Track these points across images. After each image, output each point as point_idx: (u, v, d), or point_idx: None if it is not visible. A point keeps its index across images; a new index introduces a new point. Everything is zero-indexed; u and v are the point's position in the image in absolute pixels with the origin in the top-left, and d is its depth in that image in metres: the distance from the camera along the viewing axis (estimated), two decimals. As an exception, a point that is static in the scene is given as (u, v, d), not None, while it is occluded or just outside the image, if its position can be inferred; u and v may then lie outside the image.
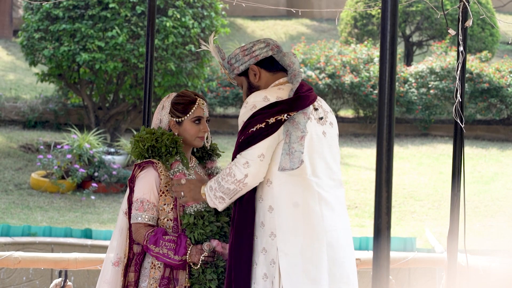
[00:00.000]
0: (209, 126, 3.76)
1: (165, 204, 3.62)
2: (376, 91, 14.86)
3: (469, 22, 4.19)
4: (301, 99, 3.41)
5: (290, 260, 3.33)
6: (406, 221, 10.37)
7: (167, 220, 3.61)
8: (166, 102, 3.76)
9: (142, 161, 3.67)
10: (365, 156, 13.50)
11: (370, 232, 9.16)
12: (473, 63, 15.07)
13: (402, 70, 15.38)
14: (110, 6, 11.67)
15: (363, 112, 15.39)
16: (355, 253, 3.84)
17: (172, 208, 3.62)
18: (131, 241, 3.64)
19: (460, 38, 4.14)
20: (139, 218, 3.60)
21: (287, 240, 3.34)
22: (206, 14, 12.20)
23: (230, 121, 15.25)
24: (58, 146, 11.50)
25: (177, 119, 3.71)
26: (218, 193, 3.44)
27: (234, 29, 21.22)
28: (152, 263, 3.61)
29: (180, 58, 12.03)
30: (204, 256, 3.51)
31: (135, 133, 3.75)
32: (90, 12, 11.72)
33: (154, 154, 3.66)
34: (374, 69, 15.09)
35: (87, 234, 7.81)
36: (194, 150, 3.88)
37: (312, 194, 3.38)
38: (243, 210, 3.42)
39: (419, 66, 15.46)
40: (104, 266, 3.72)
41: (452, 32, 4.15)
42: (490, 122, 15.37)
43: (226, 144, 13.67)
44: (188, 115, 3.70)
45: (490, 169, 12.76)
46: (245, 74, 3.58)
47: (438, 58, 15.43)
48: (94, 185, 11.06)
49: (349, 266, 3.44)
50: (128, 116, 12.77)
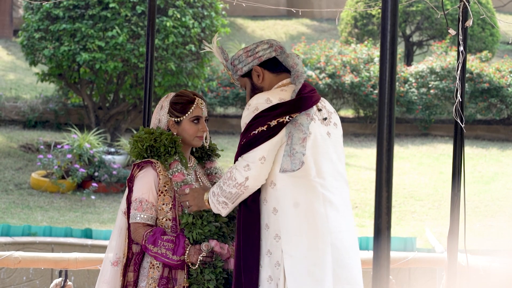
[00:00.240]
0: (209, 126, 3.76)
1: (163, 204, 3.62)
2: (376, 91, 14.86)
3: (469, 22, 4.19)
4: (303, 100, 3.40)
5: (295, 262, 3.32)
6: (406, 221, 10.36)
7: (166, 220, 3.61)
8: (164, 102, 3.75)
9: (141, 161, 3.66)
10: (365, 156, 13.50)
11: (370, 232, 9.16)
12: (473, 63, 15.07)
13: (402, 70, 15.37)
14: (110, 6, 11.66)
15: (363, 112, 15.38)
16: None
17: (170, 208, 3.61)
18: (130, 241, 3.64)
19: (460, 38, 4.14)
20: (138, 218, 3.59)
21: (292, 241, 3.33)
22: (206, 14, 12.20)
23: (230, 121, 15.24)
24: (58, 146, 11.50)
25: (175, 119, 3.70)
26: (221, 198, 3.43)
27: (234, 29, 21.22)
28: (151, 263, 3.61)
29: (180, 58, 12.02)
30: (202, 256, 3.51)
31: (135, 133, 3.75)
32: (90, 12, 11.72)
33: (153, 154, 3.66)
34: (374, 69, 15.08)
35: (87, 234, 7.81)
36: (193, 150, 3.87)
37: (316, 195, 3.37)
38: (249, 212, 3.41)
39: (419, 66, 15.46)
40: (103, 266, 3.72)
41: (452, 32, 4.15)
42: (490, 122, 15.37)
43: (226, 144, 13.67)
44: (186, 115, 3.70)
45: (490, 169, 12.75)
46: (248, 75, 3.56)
47: (438, 58, 15.43)
48: (94, 185, 11.06)
49: (354, 267, 3.42)
50: (128, 116, 12.77)
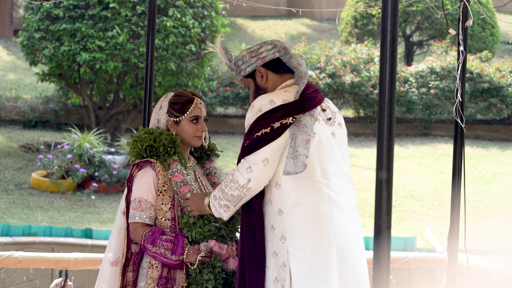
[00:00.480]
0: (209, 126, 3.76)
1: (163, 203, 3.62)
2: (376, 91, 14.86)
3: (469, 22, 4.19)
4: (307, 101, 3.39)
5: (300, 262, 3.31)
6: (406, 221, 10.36)
7: (165, 219, 3.61)
8: (163, 102, 3.75)
9: (140, 160, 3.66)
10: (365, 155, 13.50)
11: (370, 232, 9.15)
12: (473, 63, 15.07)
13: (403, 70, 15.37)
14: (111, 6, 11.67)
15: (364, 112, 15.38)
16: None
17: (170, 207, 3.61)
18: (129, 240, 3.64)
19: (460, 38, 4.14)
20: (137, 218, 3.60)
21: (298, 242, 3.32)
22: (206, 14, 12.20)
23: (230, 121, 15.23)
24: (59, 146, 11.50)
25: (175, 119, 3.70)
26: (223, 201, 3.42)
27: (234, 29, 21.22)
28: (150, 263, 3.61)
29: (180, 58, 12.02)
30: (201, 256, 3.51)
31: (135, 133, 3.75)
32: (91, 12, 11.72)
33: (152, 154, 3.65)
34: (375, 68, 15.08)
35: (88, 234, 7.81)
36: (192, 150, 3.87)
37: (321, 196, 3.36)
38: (253, 214, 3.40)
39: (420, 66, 15.46)
40: (102, 266, 3.71)
41: (452, 32, 4.15)
42: (490, 122, 15.37)
43: (226, 144, 13.67)
44: (185, 115, 3.69)
45: (490, 169, 12.75)
46: (252, 76, 3.55)
47: (439, 58, 15.42)
48: (95, 185, 11.06)
49: (360, 268, 3.40)
50: (128, 116, 12.77)
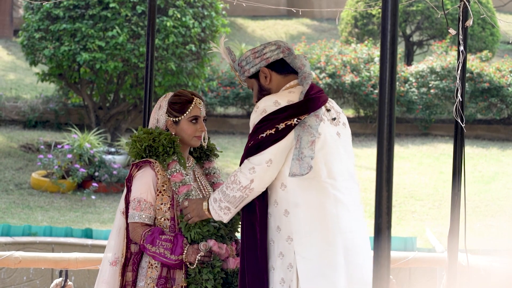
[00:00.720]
0: (209, 126, 3.76)
1: (162, 203, 3.62)
2: (376, 91, 14.86)
3: (469, 22, 4.19)
4: (311, 101, 3.38)
5: (308, 263, 3.30)
6: (406, 220, 10.36)
7: (164, 219, 3.61)
8: (163, 102, 3.75)
9: (139, 160, 3.66)
10: (365, 155, 13.50)
11: (370, 231, 9.16)
12: (473, 63, 15.07)
13: (403, 70, 15.37)
14: (111, 5, 11.67)
15: (364, 111, 15.38)
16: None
17: (169, 207, 3.62)
18: (129, 240, 3.65)
19: (460, 37, 4.14)
20: (136, 218, 3.60)
21: (304, 243, 3.32)
22: (206, 13, 12.20)
23: (230, 121, 15.23)
24: (59, 146, 11.50)
25: (174, 119, 3.70)
26: (223, 203, 3.41)
27: (234, 29, 21.22)
28: (149, 263, 3.61)
29: (180, 58, 12.02)
30: (200, 255, 3.52)
31: (135, 133, 3.75)
32: (91, 11, 11.72)
33: (152, 154, 3.66)
34: (375, 68, 15.08)
35: (88, 234, 7.81)
36: (192, 150, 3.87)
37: (327, 196, 3.36)
38: (253, 215, 3.39)
39: (420, 65, 15.45)
40: (102, 266, 3.71)
41: (452, 31, 4.15)
42: (490, 122, 15.37)
43: (226, 144, 13.66)
44: (185, 115, 3.69)
45: (490, 168, 12.75)
46: (255, 76, 3.54)
47: (439, 57, 15.42)
48: (95, 184, 11.06)
49: (366, 268, 3.39)
50: (128, 115, 12.77)
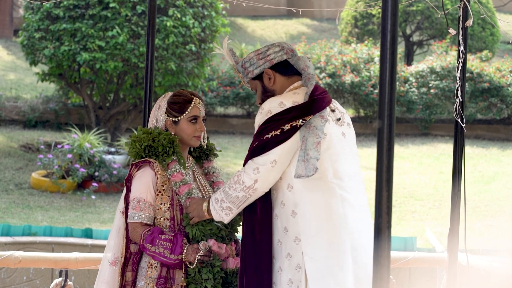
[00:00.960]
0: (209, 125, 3.77)
1: (161, 203, 3.62)
2: (376, 91, 14.86)
3: (469, 22, 4.19)
4: (316, 102, 3.38)
5: (316, 264, 3.30)
6: (406, 220, 10.36)
7: (164, 219, 3.61)
8: (162, 102, 3.75)
9: (139, 160, 3.66)
10: (365, 155, 13.50)
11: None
12: (473, 63, 15.07)
13: (403, 70, 15.37)
14: (111, 5, 11.66)
15: (364, 111, 15.38)
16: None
17: (168, 207, 3.62)
18: (128, 240, 3.65)
19: (460, 37, 4.14)
20: (136, 217, 3.60)
21: (312, 244, 3.31)
22: (206, 13, 12.20)
23: (230, 120, 15.22)
24: (59, 146, 11.50)
25: (173, 119, 3.70)
26: (225, 203, 3.41)
27: (234, 28, 21.22)
28: (149, 263, 3.61)
29: (180, 58, 12.02)
30: (200, 255, 3.52)
31: (134, 132, 3.76)
32: (91, 11, 11.72)
33: (151, 154, 3.66)
34: (375, 68, 15.08)
35: (88, 233, 7.81)
36: (191, 149, 3.88)
37: (334, 196, 3.36)
38: (254, 215, 3.39)
39: (420, 65, 15.45)
40: (101, 266, 3.72)
41: (452, 31, 4.15)
42: (490, 122, 15.37)
43: (226, 144, 13.65)
44: (184, 115, 3.69)
45: (490, 168, 12.75)
46: (259, 78, 3.54)
47: (439, 57, 15.42)
48: (95, 184, 11.06)
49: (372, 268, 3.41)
50: (128, 115, 12.77)
